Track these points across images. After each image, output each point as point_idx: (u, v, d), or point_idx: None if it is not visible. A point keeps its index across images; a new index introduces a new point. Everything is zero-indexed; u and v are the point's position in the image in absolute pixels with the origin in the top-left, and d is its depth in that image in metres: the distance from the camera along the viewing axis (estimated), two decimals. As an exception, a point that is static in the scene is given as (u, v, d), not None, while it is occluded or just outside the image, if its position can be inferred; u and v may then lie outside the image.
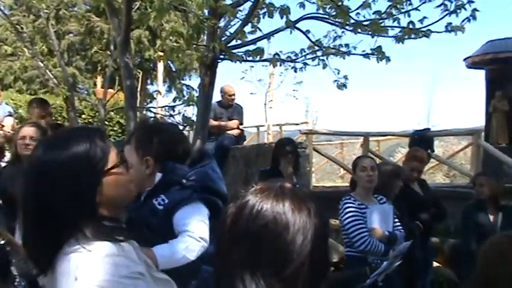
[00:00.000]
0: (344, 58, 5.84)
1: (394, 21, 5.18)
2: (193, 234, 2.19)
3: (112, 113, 11.31)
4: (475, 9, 4.87)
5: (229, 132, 7.64)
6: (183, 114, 5.88)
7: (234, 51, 4.83)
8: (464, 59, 9.30)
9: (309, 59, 5.69)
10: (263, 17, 4.64)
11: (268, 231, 1.06)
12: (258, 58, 5.01)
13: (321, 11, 5.01)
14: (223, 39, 4.86)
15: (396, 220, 4.01)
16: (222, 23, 5.03)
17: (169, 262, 2.09)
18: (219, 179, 2.44)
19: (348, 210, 3.84)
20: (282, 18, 4.40)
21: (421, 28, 5.26)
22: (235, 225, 1.09)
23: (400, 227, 3.99)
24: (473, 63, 9.22)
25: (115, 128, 12.68)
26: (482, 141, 8.25)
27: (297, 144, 5.89)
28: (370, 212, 3.82)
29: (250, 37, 5.09)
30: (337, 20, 5.05)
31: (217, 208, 2.29)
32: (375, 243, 3.70)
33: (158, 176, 2.31)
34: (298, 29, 5.09)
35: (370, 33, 4.89)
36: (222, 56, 4.80)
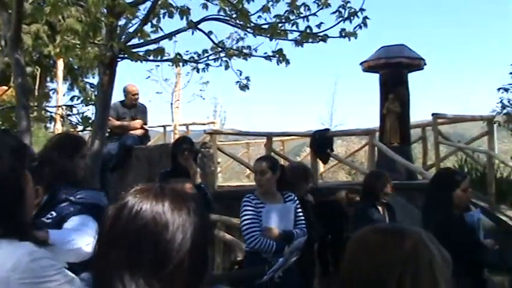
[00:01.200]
0: (246, 60, 5.97)
1: (292, 26, 5.38)
2: (81, 235, 2.17)
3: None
4: (365, 17, 5.19)
5: (132, 132, 7.49)
6: (83, 114, 5.70)
7: (134, 50, 4.76)
8: (361, 63, 9.77)
9: (211, 60, 5.75)
10: (163, 17, 4.62)
11: (148, 231, 1.06)
12: (159, 58, 4.98)
13: (222, 13, 5.08)
14: (123, 38, 4.77)
15: (301, 218, 4.12)
16: (122, 22, 4.94)
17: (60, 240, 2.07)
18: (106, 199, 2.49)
19: (244, 209, 3.92)
20: (182, 19, 4.40)
21: (318, 33, 5.50)
22: (114, 226, 1.09)
23: (303, 225, 4.10)
24: (369, 67, 9.71)
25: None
26: (377, 141, 8.74)
27: (194, 142, 5.88)
28: (267, 210, 3.91)
29: (153, 36, 5.06)
30: (238, 22, 5.16)
31: None
32: (265, 242, 3.80)
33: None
34: (200, 29, 5.12)
35: (268, 36, 5.02)
36: (121, 55, 4.72)
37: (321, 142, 8.42)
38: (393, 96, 9.39)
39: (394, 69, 9.41)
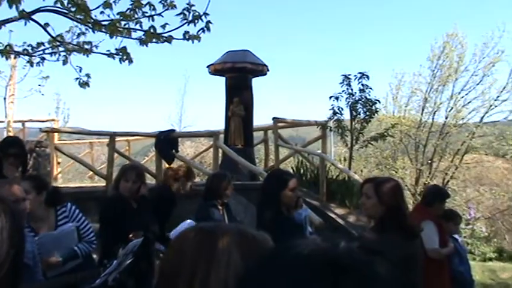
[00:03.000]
0: (87, 56, 5.72)
1: (136, 24, 5.28)
2: None
3: None
4: (209, 21, 5.30)
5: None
6: None
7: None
8: (208, 66, 9.97)
9: (48, 53, 5.41)
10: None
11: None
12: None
13: (59, 5, 4.80)
14: None
15: (87, 229, 4.03)
16: None
17: None
18: None
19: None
20: (10, 7, 4.07)
21: (162, 33, 5.47)
22: None
23: (90, 237, 4.04)
24: (215, 70, 9.95)
25: None
26: (220, 143, 8.99)
27: (29, 141, 5.49)
28: (40, 242, 3.62)
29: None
30: (78, 16, 4.92)
31: None
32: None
33: None
34: (35, 21, 4.79)
35: (108, 33, 4.87)
36: None
37: (166, 143, 8.40)
38: (238, 99, 9.75)
39: (238, 74, 9.76)
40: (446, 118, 15.58)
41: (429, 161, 15.40)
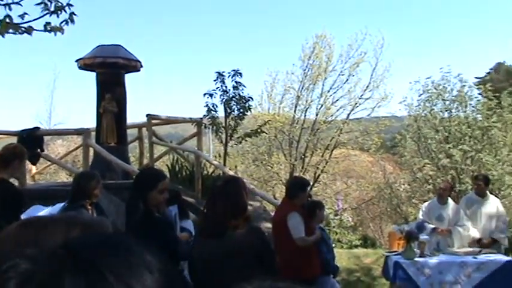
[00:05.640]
0: None
1: (-12, 13, 4.85)
2: None
3: None
4: (73, 13, 5.02)
5: None
6: None
7: None
8: (77, 60, 9.47)
9: None
10: None
11: None
12: None
13: None
14: None
15: None
16: None
17: None
18: None
19: None
20: None
21: (21, 24, 5.10)
22: None
23: None
24: (85, 65, 9.48)
25: None
26: (91, 141, 8.60)
27: None
28: None
29: None
30: None
31: None
32: None
33: None
34: None
35: None
36: None
37: (30, 142, 7.84)
38: (110, 95, 9.38)
39: (110, 69, 9.40)
40: (317, 115, 16.43)
41: (302, 156, 16.14)
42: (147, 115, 9.95)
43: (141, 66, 9.83)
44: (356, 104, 16.44)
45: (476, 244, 6.68)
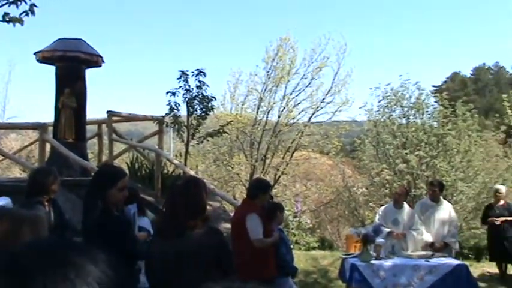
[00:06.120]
0: None
1: None
2: None
3: None
4: (33, 5, 4.91)
5: None
6: None
7: None
8: (35, 53, 9.21)
9: None
10: None
11: None
12: None
13: None
14: None
15: None
16: None
17: None
18: None
19: None
20: None
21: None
22: None
23: None
24: (44, 58, 9.22)
25: None
26: (48, 136, 8.39)
27: None
28: None
29: None
30: None
31: None
32: None
33: None
34: None
35: None
36: None
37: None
38: (69, 90, 9.16)
39: (70, 63, 9.18)
40: (279, 117, 16.54)
41: (263, 158, 16.22)
42: (108, 112, 9.77)
43: (103, 61, 9.64)
44: (317, 107, 16.65)
45: (429, 248, 6.87)
